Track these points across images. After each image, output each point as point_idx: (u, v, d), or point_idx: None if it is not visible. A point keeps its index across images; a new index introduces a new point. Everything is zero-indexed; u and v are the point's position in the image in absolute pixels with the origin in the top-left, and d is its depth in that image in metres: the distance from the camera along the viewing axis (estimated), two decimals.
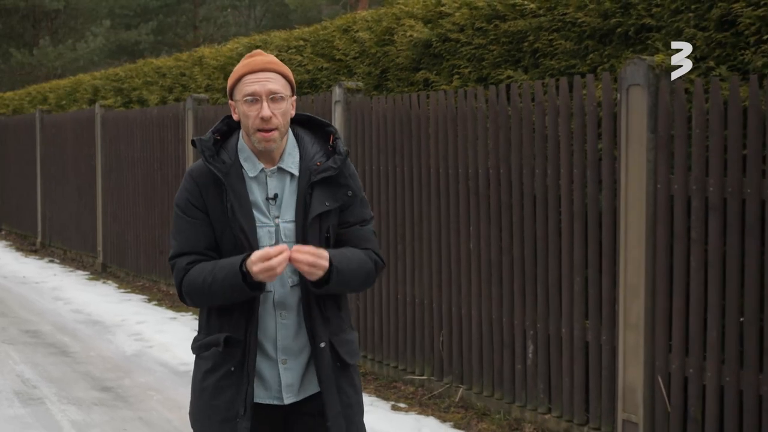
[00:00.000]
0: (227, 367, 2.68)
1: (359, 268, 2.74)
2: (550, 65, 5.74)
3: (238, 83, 2.72)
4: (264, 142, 2.67)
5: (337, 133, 2.83)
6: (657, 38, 5.08)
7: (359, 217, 2.83)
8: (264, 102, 2.65)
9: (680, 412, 4.65)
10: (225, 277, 2.60)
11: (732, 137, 4.34)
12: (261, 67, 2.69)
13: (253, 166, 2.73)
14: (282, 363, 2.72)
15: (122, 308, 9.37)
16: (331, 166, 2.74)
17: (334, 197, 2.76)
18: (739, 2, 4.63)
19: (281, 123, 2.68)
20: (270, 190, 2.74)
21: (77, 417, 5.73)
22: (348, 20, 8.11)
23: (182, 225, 2.73)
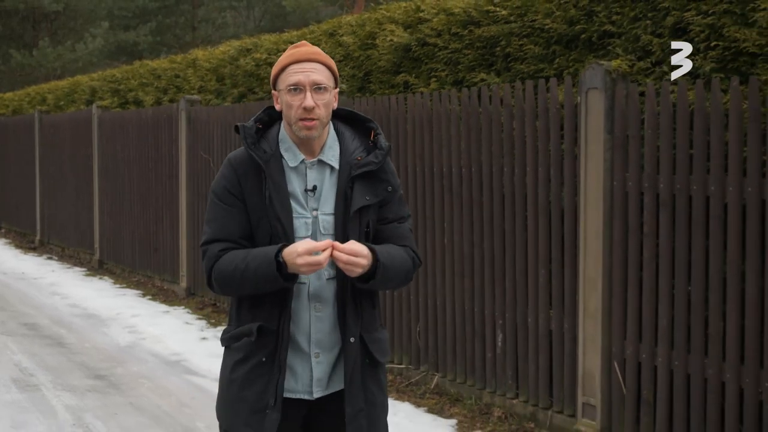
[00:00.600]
0: (258, 358, 2.67)
1: (401, 266, 2.75)
2: (521, 69, 6.05)
3: (281, 73, 2.72)
4: (305, 129, 2.67)
5: (378, 128, 2.83)
6: (617, 44, 5.39)
7: (397, 213, 2.83)
8: (307, 92, 2.65)
9: (634, 395, 4.97)
10: (259, 265, 2.59)
11: (680, 138, 4.65)
12: (306, 58, 2.70)
13: (294, 157, 2.73)
14: (315, 357, 2.72)
15: (117, 302, 9.69)
16: (372, 161, 2.75)
17: (375, 192, 2.75)
18: (690, 11, 4.95)
19: (323, 114, 2.69)
20: (309, 181, 2.73)
21: (71, 402, 6.05)
22: (334, 24, 8.43)
23: (217, 212, 2.71)
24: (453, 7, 6.71)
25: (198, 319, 8.76)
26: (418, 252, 2.87)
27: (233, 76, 9.84)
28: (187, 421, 5.71)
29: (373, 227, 2.77)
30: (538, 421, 5.56)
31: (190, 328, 8.38)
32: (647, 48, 5.19)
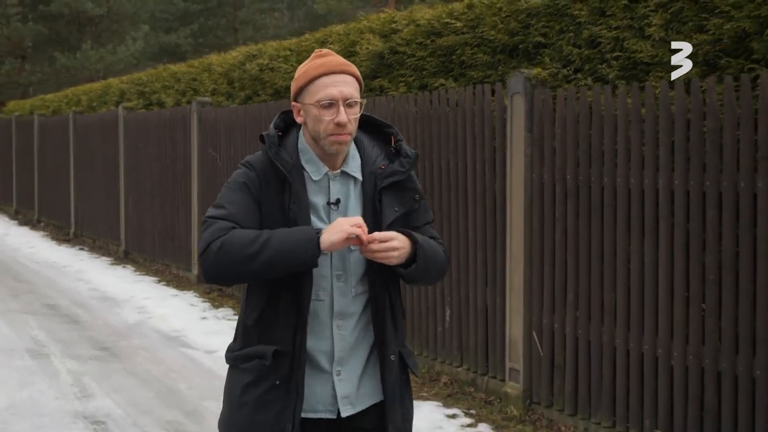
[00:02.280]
0: (272, 381, 2.53)
1: (436, 254, 2.66)
2: (472, 75, 6.79)
3: (309, 85, 2.57)
4: (337, 144, 2.55)
5: (398, 134, 2.72)
6: (546, 54, 6.12)
7: (424, 219, 2.74)
8: (341, 107, 2.52)
9: (549, 360, 5.70)
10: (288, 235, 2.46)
11: (582, 136, 5.38)
12: (338, 69, 2.57)
13: (317, 170, 2.61)
14: (336, 375, 2.60)
15: (134, 287, 10.59)
16: (398, 170, 2.63)
17: (402, 202, 2.65)
18: (600, 26, 5.66)
19: (354, 129, 2.58)
20: (333, 194, 2.62)
21: (74, 367, 6.92)
22: (325, 33, 9.23)
23: (233, 196, 2.57)
24: (420, 19, 7.48)
25: (203, 302, 9.61)
26: (446, 250, 2.77)
27: (241, 80, 10.68)
28: (171, 383, 6.54)
29: None
30: (476, 385, 6.30)
31: (194, 309, 9.24)
32: (569, 58, 5.92)
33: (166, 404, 6.02)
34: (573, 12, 5.89)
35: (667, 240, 4.85)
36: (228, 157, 10.08)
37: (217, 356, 7.28)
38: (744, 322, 4.47)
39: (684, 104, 4.71)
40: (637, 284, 5.05)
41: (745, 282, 4.47)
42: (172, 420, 5.69)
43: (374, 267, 2.61)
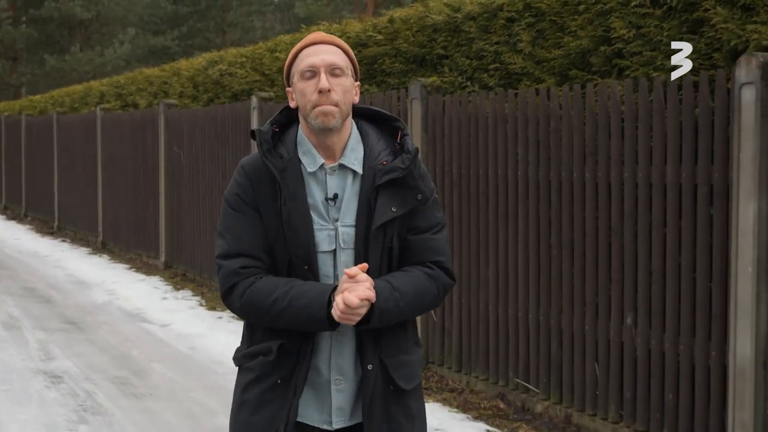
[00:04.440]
0: (273, 380, 2.44)
1: (415, 300, 2.43)
2: (390, 81, 7.79)
3: (295, 61, 2.47)
4: (322, 116, 2.37)
5: (405, 128, 2.54)
6: (446, 64, 7.12)
7: (431, 221, 2.50)
8: (322, 74, 2.38)
9: (441, 326, 6.70)
10: (305, 306, 2.35)
11: (464, 136, 6.38)
12: (320, 40, 2.45)
13: (313, 161, 2.45)
14: (335, 383, 2.47)
15: (106, 273, 11.60)
16: (398, 167, 2.43)
17: (402, 202, 2.44)
18: (485, 41, 6.67)
19: (342, 100, 2.40)
20: (330, 189, 2.44)
21: (42, 337, 7.91)
22: (276, 42, 10.22)
23: (231, 222, 2.46)
24: (351, 32, 8.48)
25: (166, 285, 10.62)
26: (452, 267, 2.55)
27: (204, 84, 11.68)
28: (125, 350, 7.53)
29: (399, 241, 2.47)
30: None
31: (157, 291, 10.24)
32: (462, 68, 6.92)
33: (117, 365, 7.01)
34: (466, 29, 6.88)
35: (524, 222, 5.86)
36: (190, 155, 11.07)
37: (170, 329, 8.29)
38: (578, 289, 5.47)
39: (545, 109, 5.70)
40: (503, 260, 6.05)
41: (578, 256, 5.47)
42: (120, 376, 6.68)
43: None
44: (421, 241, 2.49)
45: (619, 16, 5.52)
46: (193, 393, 6.25)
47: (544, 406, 5.74)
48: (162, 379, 6.61)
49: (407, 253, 2.50)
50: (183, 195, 11.20)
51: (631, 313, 5.13)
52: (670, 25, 5.22)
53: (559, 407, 5.64)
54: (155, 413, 5.80)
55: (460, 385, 6.43)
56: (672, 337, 4.89)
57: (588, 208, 5.40)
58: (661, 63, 5.26)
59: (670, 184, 4.87)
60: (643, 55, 5.39)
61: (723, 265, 4.61)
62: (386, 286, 2.39)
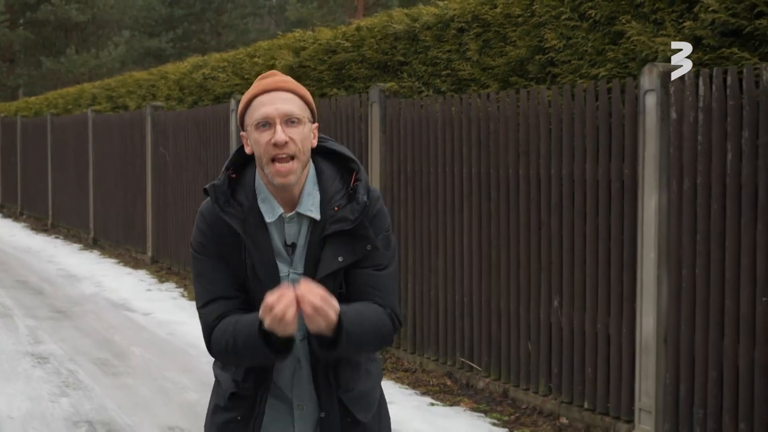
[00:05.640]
0: (234, 414, 2.45)
1: (373, 329, 2.33)
2: (357, 86, 8.36)
3: (248, 108, 2.35)
4: (279, 177, 2.29)
5: (360, 170, 2.41)
6: (405, 70, 7.69)
7: (375, 261, 2.38)
8: (278, 125, 2.27)
9: None
10: (246, 340, 2.27)
11: (416, 137, 6.96)
12: (273, 87, 2.32)
13: (272, 210, 2.35)
14: (298, 408, 2.45)
15: (95, 267, 12.17)
16: (347, 218, 2.32)
17: (351, 251, 2.35)
18: (439, 50, 7.24)
19: (300, 150, 2.29)
20: (288, 237, 2.37)
21: (31, 324, 8.49)
22: (255, 48, 10.80)
23: (201, 267, 2.41)
24: (322, 39, 9.05)
25: (151, 278, 11.20)
26: (398, 310, 2.44)
27: (189, 87, 12.26)
28: (108, 335, 8.10)
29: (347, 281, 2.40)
30: None
31: (142, 283, 10.82)
32: (419, 74, 7.49)
33: (100, 348, 7.59)
34: (423, 37, 7.45)
35: (469, 215, 6.43)
36: (175, 154, 11.64)
37: (152, 317, 8.86)
38: (513, 275, 6.04)
39: (486, 112, 6.26)
40: (451, 250, 6.63)
41: (514, 245, 6.04)
42: (102, 358, 7.25)
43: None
44: (363, 276, 2.37)
45: (551, 28, 6.09)
46: (167, 372, 6.82)
47: (486, 383, 6.31)
48: (140, 361, 7.17)
49: (350, 288, 2.38)
50: (168, 193, 11.77)
51: (557, 296, 5.70)
52: (594, 37, 5.80)
53: (498, 383, 6.21)
54: (131, 388, 6.37)
55: (413, 366, 7.00)
56: (591, 317, 5.46)
57: (521, 202, 5.97)
58: (586, 71, 5.84)
59: (589, 180, 5.45)
60: (571, 63, 5.97)
61: (632, 252, 5.18)
62: (351, 308, 2.28)
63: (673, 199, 4.89)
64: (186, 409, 5.93)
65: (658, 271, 4.96)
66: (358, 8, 29.41)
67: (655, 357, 4.99)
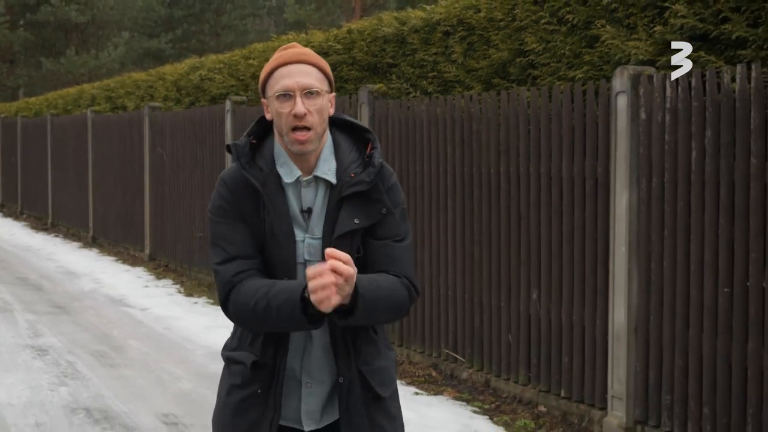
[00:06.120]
0: (254, 389, 2.48)
1: (389, 297, 2.40)
2: (348, 87, 8.60)
3: (269, 78, 2.47)
4: (298, 144, 2.40)
5: (375, 140, 2.55)
6: (394, 72, 7.94)
7: (392, 231, 2.48)
8: (297, 97, 2.39)
9: None
10: (282, 304, 2.33)
11: (404, 136, 7.20)
12: (294, 59, 2.45)
13: (290, 172, 2.46)
14: (306, 386, 2.50)
15: (94, 265, 12.42)
16: (364, 180, 2.44)
17: (367, 214, 2.44)
18: (426, 53, 7.48)
19: (317, 121, 2.41)
20: (305, 201, 2.47)
21: (31, 319, 8.73)
22: (250, 50, 11.05)
23: (220, 229, 2.48)
24: (314, 41, 9.30)
25: (148, 275, 11.44)
26: (415, 280, 2.53)
27: (186, 88, 12.51)
28: (106, 330, 8.34)
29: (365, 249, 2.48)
30: None
31: (140, 280, 11.07)
32: (407, 76, 7.74)
33: (98, 341, 7.83)
34: (410, 40, 7.70)
35: (452, 212, 6.67)
36: (172, 154, 11.89)
37: (149, 312, 9.10)
38: (495, 269, 6.29)
39: (469, 112, 6.50)
40: (436, 245, 6.87)
41: (495, 241, 6.29)
42: (100, 350, 7.50)
43: None
44: (380, 247, 2.47)
45: (531, 32, 6.34)
46: (163, 364, 7.06)
47: (469, 373, 6.55)
48: (137, 353, 7.42)
49: (367, 259, 2.47)
50: (165, 191, 12.02)
51: (536, 289, 5.95)
52: (572, 40, 6.04)
53: (480, 373, 6.45)
54: (128, 379, 6.61)
55: (401, 358, 7.24)
56: (567, 309, 5.70)
57: (502, 200, 6.21)
58: (564, 73, 6.09)
59: (565, 178, 5.69)
60: (550, 66, 6.21)
61: (605, 247, 5.42)
62: (367, 276, 2.36)
63: (643, 196, 5.14)
64: (180, 397, 6.17)
65: (629, 266, 5.20)
66: (355, 9, 29.67)
67: (626, 347, 5.23)
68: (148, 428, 5.50)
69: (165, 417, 5.73)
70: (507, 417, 5.79)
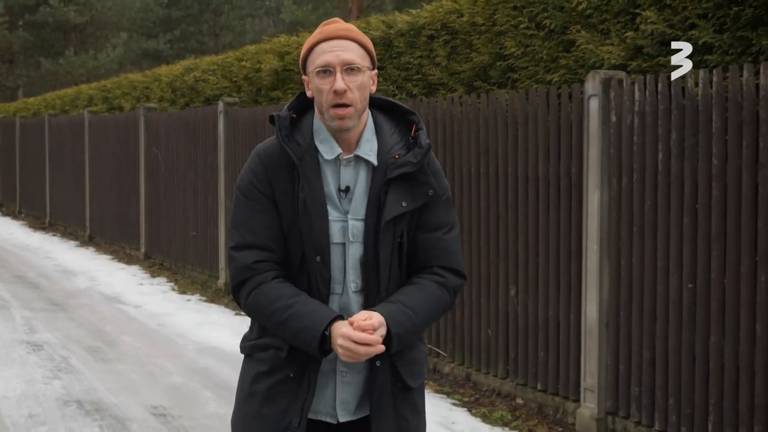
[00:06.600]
0: (286, 373, 2.41)
1: (427, 317, 2.44)
2: None
3: (310, 54, 2.43)
4: (338, 120, 2.35)
5: (420, 122, 2.50)
6: (381, 74, 8.14)
7: (442, 221, 2.47)
8: (338, 73, 2.35)
9: None
10: (300, 331, 2.32)
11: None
12: (335, 35, 2.40)
13: (330, 149, 2.40)
14: (341, 375, 2.45)
15: (90, 263, 12.62)
16: (410, 161, 2.40)
17: (413, 196, 2.41)
18: (411, 56, 7.68)
19: (357, 98, 2.37)
20: (343, 180, 2.41)
21: (28, 315, 8.94)
22: (243, 52, 11.25)
23: (244, 212, 2.43)
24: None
25: (143, 273, 11.65)
26: (462, 267, 2.54)
27: (181, 89, 12.71)
28: (101, 326, 8.55)
29: (409, 237, 2.45)
30: None
31: (134, 278, 11.28)
32: (393, 78, 7.94)
33: (92, 337, 8.03)
34: (396, 44, 7.90)
35: None
36: (167, 154, 12.09)
37: (143, 309, 9.31)
38: (475, 266, 6.49)
39: (450, 114, 6.70)
40: None
41: (475, 238, 6.49)
42: (94, 345, 7.70)
43: (369, 260, 2.42)
44: (432, 241, 2.45)
45: (511, 36, 6.55)
46: (155, 359, 7.26)
47: (451, 368, 6.75)
48: (130, 348, 7.62)
49: (418, 252, 2.46)
50: (160, 191, 12.22)
51: (514, 286, 6.15)
52: (549, 45, 6.25)
53: (461, 368, 6.66)
54: (120, 373, 6.82)
55: None
56: (543, 305, 5.90)
57: (482, 199, 6.41)
58: (541, 76, 6.29)
59: (541, 178, 5.89)
60: (529, 69, 6.42)
61: (578, 245, 5.62)
62: (399, 308, 2.36)
63: (613, 195, 5.34)
64: (171, 390, 6.37)
65: (600, 262, 5.40)
66: (352, 10, 29.89)
67: (597, 340, 5.43)
68: (137, 419, 5.70)
69: (154, 409, 5.93)
70: (485, 409, 5.99)
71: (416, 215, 2.44)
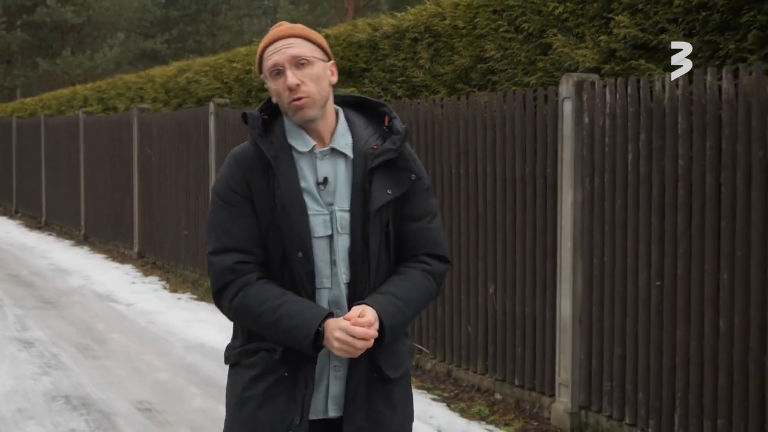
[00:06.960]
0: (280, 373, 2.40)
1: (417, 306, 2.47)
2: None
3: (262, 60, 2.47)
4: (299, 111, 2.38)
5: (392, 112, 2.54)
6: (367, 76, 8.28)
7: (425, 210, 2.51)
8: (288, 70, 2.38)
9: None
10: (292, 329, 2.31)
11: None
12: (280, 35, 2.43)
13: (305, 142, 2.42)
14: (334, 369, 2.44)
15: (84, 262, 12.77)
16: (389, 148, 2.43)
17: (397, 183, 2.44)
18: (396, 58, 7.82)
19: (313, 90, 2.39)
20: (320, 173, 2.43)
21: (19, 313, 9.08)
22: (234, 53, 11.39)
23: (222, 216, 2.43)
24: None
25: (136, 272, 11.80)
26: (447, 253, 2.59)
27: (174, 90, 12.85)
28: (92, 324, 8.69)
29: (394, 227, 2.47)
30: None
31: (127, 276, 11.42)
32: (378, 80, 8.08)
33: (82, 335, 8.17)
34: (382, 46, 8.04)
35: None
36: (160, 154, 12.23)
37: (134, 308, 9.45)
38: (455, 264, 6.62)
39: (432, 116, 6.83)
40: None
41: (465, 233, 6.62)
42: (84, 343, 7.84)
43: (358, 251, 2.43)
44: (417, 231, 2.49)
45: (491, 39, 6.69)
46: (144, 356, 7.40)
47: (432, 364, 6.90)
48: (119, 346, 7.76)
49: (404, 243, 2.49)
50: (153, 190, 12.36)
51: (492, 283, 6.29)
52: (527, 48, 6.39)
53: (443, 364, 6.80)
54: (108, 369, 6.96)
55: None
56: (520, 302, 6.04)
57: (462, 198, 6.55)
58: (520, 78, 6.43)
59: (518, 178, 6.03)
60: (508, 72, 6.56)
61: (553, 243, 5.76)
62: (389, 300, 2.38)
63: (586, 195, 5.48)
64: (157, 386, 6.52)
65: (574, 259, 5.54)
66: (348, 10, 30.01)
67: (571, 336, 5.57)
68: (123, 414, 5.85)
69: (140, 404, 6.07)
70: (464, 404, 6.13)
71: (399, 204, 2.46)
